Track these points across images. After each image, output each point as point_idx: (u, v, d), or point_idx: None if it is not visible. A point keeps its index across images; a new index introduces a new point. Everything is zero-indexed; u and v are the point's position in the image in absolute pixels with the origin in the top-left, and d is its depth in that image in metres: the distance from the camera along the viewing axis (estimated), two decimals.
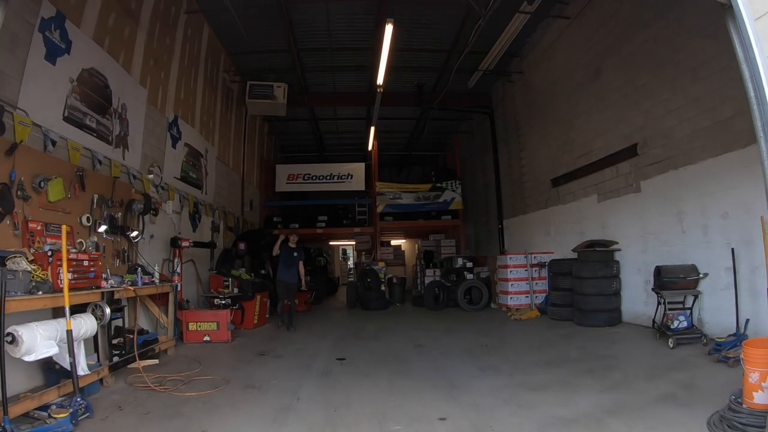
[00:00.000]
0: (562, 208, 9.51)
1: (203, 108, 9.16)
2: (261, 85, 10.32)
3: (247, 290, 7.46)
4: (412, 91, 12.77)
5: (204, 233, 8.76)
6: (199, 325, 6.37)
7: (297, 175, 13.95)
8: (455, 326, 7.71)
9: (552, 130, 9.91)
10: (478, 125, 14.89)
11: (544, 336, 6.70)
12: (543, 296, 9.28)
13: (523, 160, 11.36)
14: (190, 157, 8.23)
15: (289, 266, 8.06)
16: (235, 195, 11.25)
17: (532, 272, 9.28)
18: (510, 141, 12.19)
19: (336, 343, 6.38)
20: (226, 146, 10.74)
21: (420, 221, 13.29)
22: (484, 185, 14.40)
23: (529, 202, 11.03)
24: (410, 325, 8.05)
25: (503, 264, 9.60)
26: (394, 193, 12.95)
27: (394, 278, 11.48)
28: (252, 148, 13.28)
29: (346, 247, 24.22)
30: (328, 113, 14.59)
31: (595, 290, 7.40)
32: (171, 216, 7.29)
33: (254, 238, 8.61)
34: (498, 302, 9.91)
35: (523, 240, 11.31)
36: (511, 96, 12.08)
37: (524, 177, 11.33)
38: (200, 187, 8.68)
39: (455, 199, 13.10)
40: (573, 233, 9.10)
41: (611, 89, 8.03)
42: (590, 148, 8.61)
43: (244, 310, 7.51)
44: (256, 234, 8.81)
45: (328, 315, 9.93)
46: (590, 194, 8.59)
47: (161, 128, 7.27)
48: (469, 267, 11.11)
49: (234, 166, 11.29)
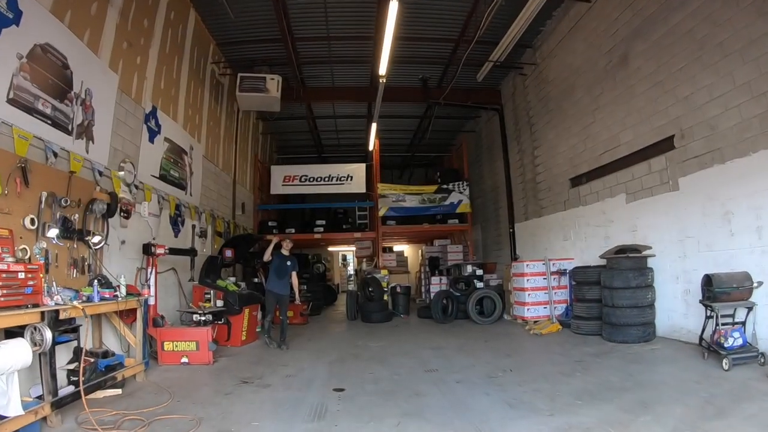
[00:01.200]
0: (584, 209, 8.69)
1: (188, 101, 8.36)
2: (252, 77, 9.53)
3: (234, 303, 6.62)
4: (417, 86, 12.04)
5: (188, 239, 7.93)
6: (176, 344, 5.51)
7: (293, 177, 13.10)
8: (469, 343, 6.84)
9: (571, 125, 9.11)
10: (486, 124, 14.12)
11: (572, 355, 5.85)
12: (562, 307, 8.44)
13: (538, 158, 10.56)
14: (171, 153, 7.41)
15: (280, 276, 7.21)
16: (225, 197, 10.43)
17: (552, 281, 8.44)
18: (522, 139, 11.40)
19: (333, 366, 5.49)
20: (215, 144, 9.93)
21: (425, 225, 12.41)
22: (491, 187, 13.59)
23: (545, 204, 10.21)
24: (418, 341, 7.18)
25: (519, 272, 8.76)
26: (397, 195, 12.09)
27: (397, 287, 10.62)
28: (245, 147, 12.48)
29: (346, 253, 23.34)
30: (327, 111, 13.80)
31: (629, 302, 6.56)
32: (147, 219, 6.46)
33: (243, 244, 7.79)
34: (512, 314, 9.06)
35: (537, 245, 10.48)
36: (522, 90, 11.30)
37: (539, 177, 10.51)
38: (184, 188, 7.86)
39: (462, 202, 12.25)
40: (596, 237, 8.28)
41: (641, 77, 7.26)
42: (616, 143, 7.81)
43: (230, 326, 6.66)
44: (244, 239, 7.98)
45: (325, 329, 9.04)
46: (617, 194, 7.78)
47: (136, 120, 6.46)
48: (479, 275, 10.26)
49: (224, 167, 10.48)
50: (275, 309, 7.19)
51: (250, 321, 7.19)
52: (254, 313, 7.17)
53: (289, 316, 9.30)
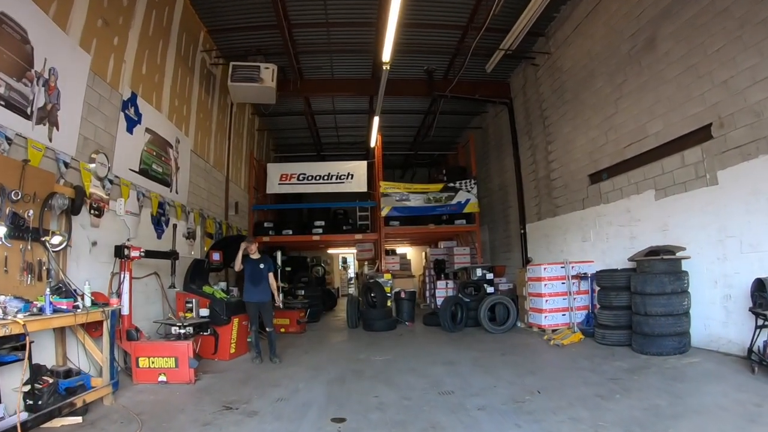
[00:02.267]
0: (605, 208, 8.03)
1: (174, 90, 7.71)
2: (246, 66, 8.88)
3: (221, 312, 5.94)
4: (421, 79, 11.41)
5: (173, 240, 7.27)
6: (152, 360, 4.83)
7: (291, 175, 12.41)
8: (484, 357, 6.14)
9: (590, 116, 8.47)
10: (493, 119, 13.49)
11: (604, 371, 5.18)
12: (582, 314, 7.77)
13: (552, 154, 9.90)
14: (153, 146, 6.76)
15: (256, 282, 6.42)
16: (216, 196, 9.78)
17: (571, 285, 7.77)
18: (534, 133, 10.75)
19: (332, 387, 4.76)
20: (206, 139, 9.28)
21: (431, 227, 11.71)
22: (500, 186, 12.94)
23: (560, 203, 9.55)
24: (427, 354, 6.47)
25: (536, 276, 8.08)
26: (401, 194, 11.41)
27: (402, 292, 9.92)
28: (239, 144, 11.83)
29: (346, 256, 22.61)
30: (326, 105, 13.16)
31: (664, 309, 5.91)
32: (124, 218, 5.80)
33: (234, 246, 7.12)
34: (527, 321, 8.38)
35: (551, 247, 9.82)
36: (534, 82, 10.66)
37: (553, 174, 9.86)
38: (168, 184, 7.20)
39: (470, 201, 11.57)
40: (620, 238, 7.63)
41: (671, 61, 6.63)
42: (643, 134, 7.16)
43: (218, 337, 5.99)
44: (236, 241, 7.30)
45: (324, 338, 8.33)
46: (644, 190, 7.12)
47: (112, 107, 5.81)
48: (489, 279, 9.60)
49: (216, 163, 9.83)
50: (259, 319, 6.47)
51: (240, 332, 6.49)
52: (245, 323, 6.49)
53: (285, 324, 8.69)
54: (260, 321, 6.46)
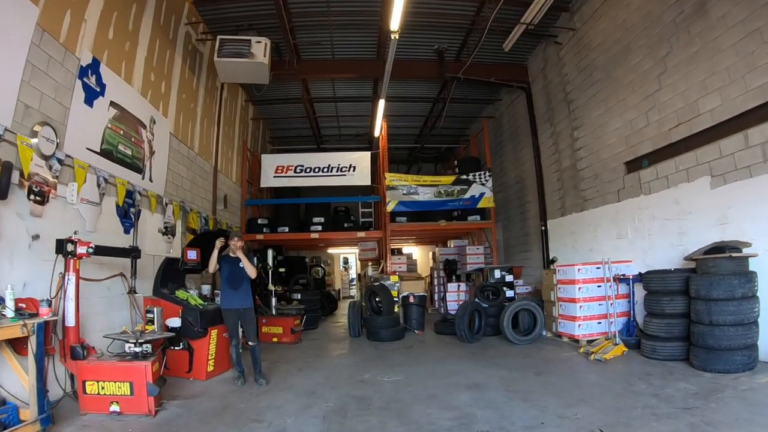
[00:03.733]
0: (647, 199, 7.05)
1: (150, 63, 6.76)
2: (235, 40, 7.93)
3: (194, 323, 4.93)
4: (431, 60, 10.46)
5: (146, 236, 6.31)
6: (102, 385, 3.86)
7: (287, 167, 11.41)
8: (516, 378, 5.08)
9: (626, 95, 7.50)
10: (508, 108, 12.53)
11: (670, 397, 4.20)
12: (620, 322, 6.78)
13: (579, 141, 8.92)
14: (120, 124, 5.80)
15: (235, 284, 5.27)
16: (202, 188, 8.82)
17: (609, 289, 6.78)
18: (557, 120, 9.78)
19: (330, 424, 3.70)
20: (190, 123, 8.32)
21: (442, 223, 10.72)
22: (516, 180, 11.95)
23: (590, 195, 8.57)
24: (446, 374, 5.41)
25: (568, 278, 7.09)
26: (409, 187, 10.40)
27: (411, 296, 8.94)
28: (230, 132, 10.88)
29: (347, 256, 21.60)
30: (326, 91, 12.19)
31: (733, 317, 4.94)
32: (78, 207, 4.85)
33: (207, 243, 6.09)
34: (556, 330, 7.39)
35: (579, 246, 8.84)
36: (557, 62, 9.70)
37: (580, 163, 8.88)
38: (139, 170, 6.24)
39: (485, 195, 10.57)
40: (666, 234, 6.65)
41: (728, 26, 5.69)
42: (694, 112, 6.20)
43: (192, 353, 5.02)
44: (218, 237, 6.28)
45: (322, 351, 7.27)
46: (696, 177, 6.15)
47: (66, 72, 4.86)
48: (509, 281, 8.62)
49: (202, 151, 8.87)
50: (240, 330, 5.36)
51: (220, 346, 5.45)
52: (226, 335, 5.51)
53: (277, 333, 7.71)
54: None
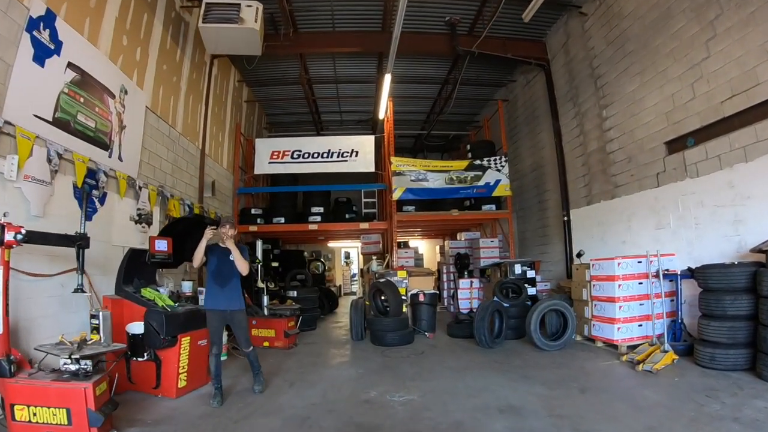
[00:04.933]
0: (693, 183, 6.18)
1: (122, 24, 5.89)
2: (223, 4, 7.04)
3: (159, 329, 4.06)
4: (442, 33, 9.57)
5: (114, 224, 5.47)
6: (34, 412, 3.04)
7: (283, 153, 10.53)
8: (559, 396, 4.20)
9: (667, 66, 6.61)
10: (523, 90, 11.64)
11: (754, 420, 3.37)
12: (662, 324, 5.92)
13: (609, 120, 8.03)
14: (80, 90, 4.94)
15: (222, 281, 4.47)
16: (186, 172, 7.97)
17: (651, 286, 5.92)
18: (581, 99, 8.88)
19: None
20: (172, 98, 7.46)
21: (453, 213, 9.82)
22: (533, 167, 11.07)
23: (622, 181, 7.69)
24: (470, 391, 4.45)
25: (606, 274, 6.21)
26: (417, 172, 9.50)
27: (420, 295, 7.93)
28: (221, 114, 10.01)
29: (349, 250, 20.70)
30: (326, 70, 11.29)
31: None
32: (18, 185, 4.00)
33: (194, 233, 5.26)
34: (589, 333, 6.54)
35: (608, 238, 7.97)
36: (581, 36, 8.80)
37: (610, 145, 7.99)
38: (105, 146, 5.38)
39: (501, 182, 9.67)
40: (719, 222, 5.79)
41: None
42: (752, 81, 5.36)
43: (159, 365, 4.19)
44: (193, 225, 5.38)
45: (320, 358, 6.33)
46: (756, 155, 5.30)
47: (9, 22, 4.00)
48: (530, 277, 7.77)
49: (187, 131, 8.01)
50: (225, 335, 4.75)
51: (194, 356, 4.56)
52: (201, 343, 4.69)
53: (269, 336, 6.86)
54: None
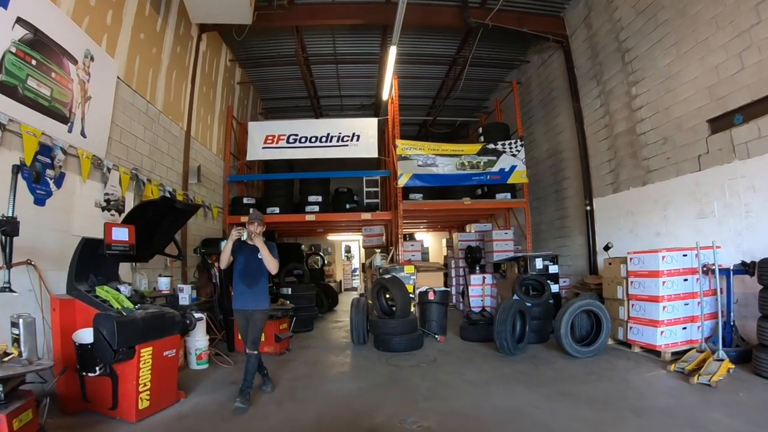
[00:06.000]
0: (743, 165, 5.45)
1: None
2: None
3: (109, 338, 3.29)
4: (453, 6, 8.81)
5: (74, 210, 4.77)
6: None
7: (278, 137, 9.77)
8: (608, 421, 3.44)
9: (710, 35, 5.87)
10: (537, 71, 10.89)
11: None
12: (708, 326, 5.22)
13: (639, 98, 7.29)
14: (32, 51, 4.22)
15: (249, 281, 4.34)
16: (169, 155, 7.26)
17: (696, 284, 5.20)
18: (607, 76, 8.13)
19: None
20: (150, 71, 6.74)
21: (465, 201, 9.02)
22: (549, 153, 10.33)
23: (656, 165, 6.95)
24: (497, 414, 3.67)
25: (647, 269, 5.48)
26: (425, 156, 8.72)
27: (430, 292, 7.15)
28: (210, 95, 9.28)
29: (350, 243, 19.95)
30: (325, 47, 10.52)
31: None
32: None
33: (155, 220, 4.43)
34: (625, 337, 5.82)
35: (640, 228, 7.25)
36: (605, 7, 8.04)
37: (641, 125, 7.25)
38: (64, 120, 4.67)
39: (517, 168, 8.91)
40: None
41: None
42: None
43: (115, 381, 3.47)
44: (159, 212, 4.55)
45: (315, 368, 5.54)
46: None
47: None
48: (553, 273, 7.07)
49: (169, 110, 7.29)
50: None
51: (158, 371, 3.77)
52: (169, 354, 3.93)
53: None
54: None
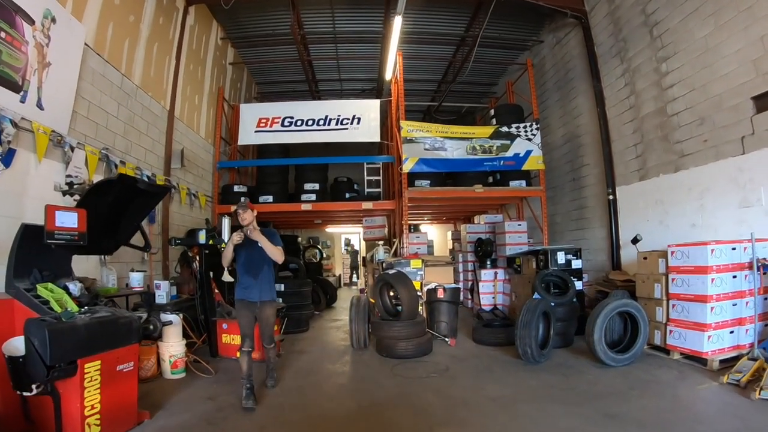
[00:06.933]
0: None
1: None
2: None
3: (41, 350, 2.62)
4: None
5: (27, 194, 4.16)
6: None
7: (272, 120, 9.11)
8: None
9: (752, 3, 5.22)
10: (552, 51, 10.23)
11: None
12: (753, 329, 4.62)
13: (671, 75, 6.64)
14: None
15: (254, 271, 4.32)
16: (148, 136, 6.65)
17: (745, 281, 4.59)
18: (632, 52, 7.47)
19: None
20: (128, 42, 6.10)
21: (478, 189, 8.30)
22: (565, 138, 9.68)
23: (691, 148, 6.32)
24: None
25: (693, 265, 4.84)
26: (433, 139, 8.05)
27: (440, 290, 6.43)
28: (198, 73, 8.64)
29: (350, 236, 19.28)
30: (324, 25, 9.83)
31: None
32: None
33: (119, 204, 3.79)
34: (662, 342, 5.20)
35: (671, 219, 6.64)
36: None
37: (674, 105, 6.61)
38: (15, 87, 4.03)
39: (532, 154, 8.25)
40: None
41: None
42: None
43: (58, 401, 2.81)
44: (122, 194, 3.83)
45: (308, 380, 4.81)
46: None
47: None
48: (576, 269, 6.46)
49: (148, 86, 6.66)
50: (255, 331, 4.38)
51: (109, 387, 3.12)
52: (123, 369, 3.21)
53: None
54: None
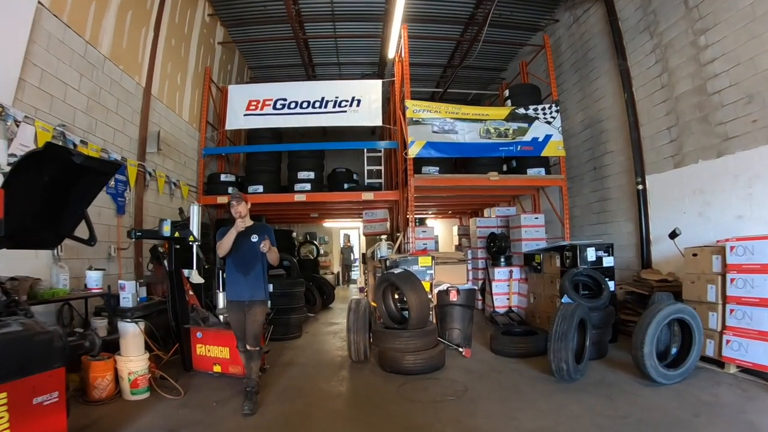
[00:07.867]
0: None
1: None
2: None
3: None
4: None
5: None
6: None
7: (264, 102, 8.38)
8: None
9: None
10: (568, 31, 9.59)
11: None
12: None
13: (710, 49, 5.93)
14: None
15: (244, 268, 4.12)
16: (119, 115, 6.00)
17: None
18: (664, 26, 6.76)
19: None
20: (94, 5, 5.42)
21: (492, 177, 7.50)
22: (586, 124, 8.96)
23: (735, 130, 5.63)
24: None
25: (758, 263, 4.11)
26: (442, 121, 7.24)
27: (452, 292, 5.63)
28: (182, 51, 7.94)
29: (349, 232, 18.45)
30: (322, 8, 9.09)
31: None
32: None
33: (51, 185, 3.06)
34: (716, 353, 4.52)
35: (712, 211, 5.97)
36: None
37: (714, 82, 5.91)
38: None
39: (552, 138, 7.52)
40: None
41: None
42: None
43: None
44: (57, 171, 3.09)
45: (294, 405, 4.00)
46: None
47: None
48: (608, 267, 5.77)
49: (119, 58, 5.98)
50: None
51: (22, 423, 2.42)
52: (42, 402, 2.45)
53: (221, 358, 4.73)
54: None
